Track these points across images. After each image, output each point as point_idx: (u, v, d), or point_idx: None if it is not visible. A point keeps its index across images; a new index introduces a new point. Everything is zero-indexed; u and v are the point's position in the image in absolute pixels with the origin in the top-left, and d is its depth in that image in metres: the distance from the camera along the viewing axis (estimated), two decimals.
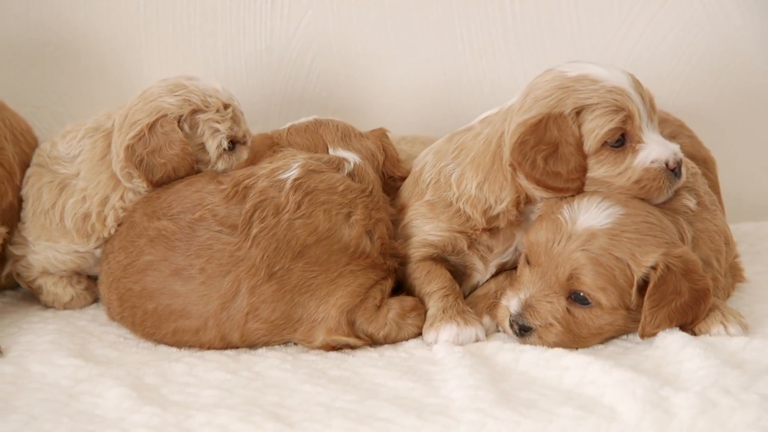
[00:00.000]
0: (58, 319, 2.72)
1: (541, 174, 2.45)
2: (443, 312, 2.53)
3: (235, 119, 2.69)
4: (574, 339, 2.41)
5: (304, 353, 2.48)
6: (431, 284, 2.58)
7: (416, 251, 2.62)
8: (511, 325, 2.44)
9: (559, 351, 2.35)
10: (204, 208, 2.51)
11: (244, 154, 2.71)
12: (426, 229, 2.61)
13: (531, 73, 3.21)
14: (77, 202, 2.72)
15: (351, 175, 2.61)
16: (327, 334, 2.46)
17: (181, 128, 2.64)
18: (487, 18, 3.33)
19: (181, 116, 2.64)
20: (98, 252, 2.76)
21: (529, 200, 2.55)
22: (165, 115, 2.63)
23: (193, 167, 2.65)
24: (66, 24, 3.23)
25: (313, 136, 2.73)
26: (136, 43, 3.26)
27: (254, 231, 2.45)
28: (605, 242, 2.36)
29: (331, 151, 2.68)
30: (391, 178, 2.75)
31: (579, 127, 2.45)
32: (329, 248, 2.48)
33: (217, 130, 2.65)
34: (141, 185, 2.67)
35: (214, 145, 2.65)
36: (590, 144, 2.45)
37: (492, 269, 2.67)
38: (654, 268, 2.34)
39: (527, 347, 2.40)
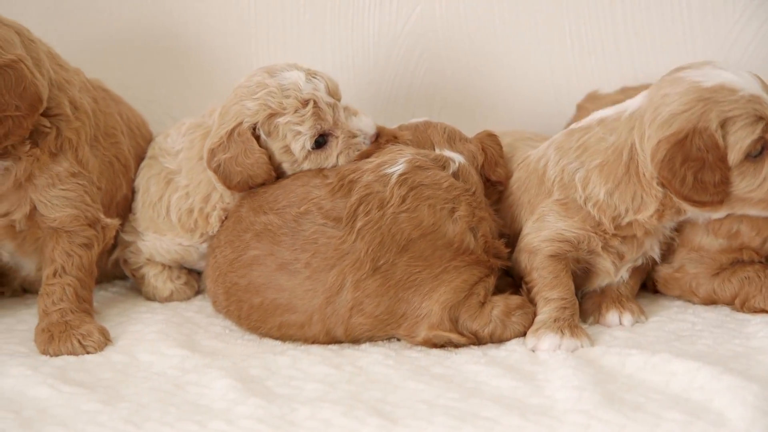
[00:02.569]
0: (166, 310, 2.76)
1: (689, 190, 2.43)
2: (554, 321, 2.49)
3: (318, 115, 2.61)
4: None
5: (407, 350, 2.47)
6: (554, 291, 2.54)
7: (548, 246, 2.57)
8: None
9: (666, 356, 2.31)
10: (309, 202, 2.52)
11: (334, 149, 2.65)
12: (560, 225, 2.57)
13: (640, 72, 3.19)
14: (181, 198, 2.76)
15: (455, 174, 2.60)
16: (429, 330, 2.45)
17: (258, 134, 2.63)
18: (596, 14, 3.29)
19: (256, 123, 2.62)
20: (203, 247, 2.80)
21: (677, 212, 2.54)
22: (241, 123, 2.62)
23: (271, 175, 2.63)
24: (178, 19, 3.28)
25: (421, 135, 2.72)
26: (247, 39, 3.29)
27: (359, 224, 2.45)
28: None
29: (437, 151, 2.67)
30: (488, 181, 2.72)
31: (723, 139, 2.42)
32: (434, 243, 2.47)
33: (298, 132, 2.61)
34: (226, 189, 2.69)
35: (297, 147, 2.62)
36: (734, 156, 2.43)
37: (624, 273, 2.65)
38: None
39: (634, 351, 2.37)
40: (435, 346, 2.47)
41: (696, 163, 2.42)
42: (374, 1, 3.27)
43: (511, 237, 2.68)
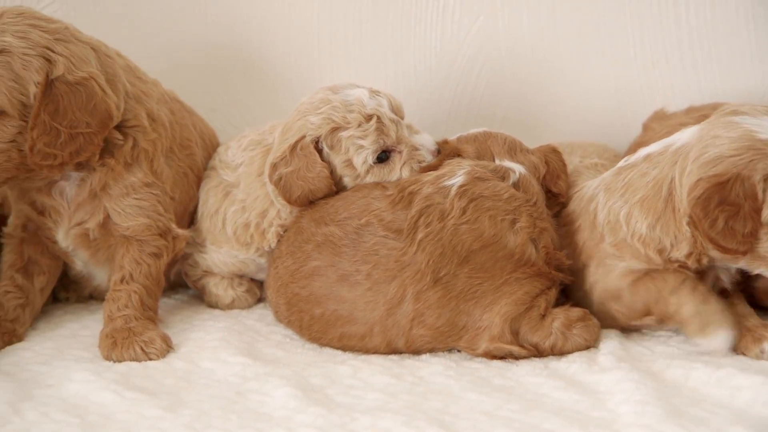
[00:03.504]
0: (227, 318, 2.78)
1: (717, 233, 2.39)
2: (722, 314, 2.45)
3: (381, 130, 2.63)
4: None
5: (468, 360, 2.47)
6: (679, 292, 2.48)
7: (624, 279, 2.54)
8: None
9: (731, 370, 2.29)
10: (370, 214, 2.53)
11: (397, 163, 2.66)
12: (621, 265, 2.54)
13: (705, 85, 3.16)
14: (237, 211, 2.78)
15: (516, 185, 2.59)
16: (490, 342, 2.44)
17: (320, 149, 2.64)
18: (660, 25, 3.26)
19: (319, 137, 2.63)
20: (260, 260, 2.82)
21: (710, 259, 2.51)
22: (304, 137, 2.64)
23: (332, 189, 2.64)
24: (242, 28, 3.30)
25: (481, 146, 2.70)
26: (309, 49, 3.31)
27: (420, 236, 2.45)
28: None
29: (497, 162, 2.66)
30: (549, 192, 2.71)
31: (763, 193, 2.39)
32: (494, 254, 2.46)
33: (361, 146, 2.62)
34: (285, 204, 2.70)
35: (359, 161, 2.63)
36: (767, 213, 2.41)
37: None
38: None
39: (698, 364, 2.35)
40: (495, 358, 2.46)
41: (731, 209, 2.38)
42: (436, 12, 3.27)
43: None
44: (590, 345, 2.50)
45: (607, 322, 2.59)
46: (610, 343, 2.50)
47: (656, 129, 2.97)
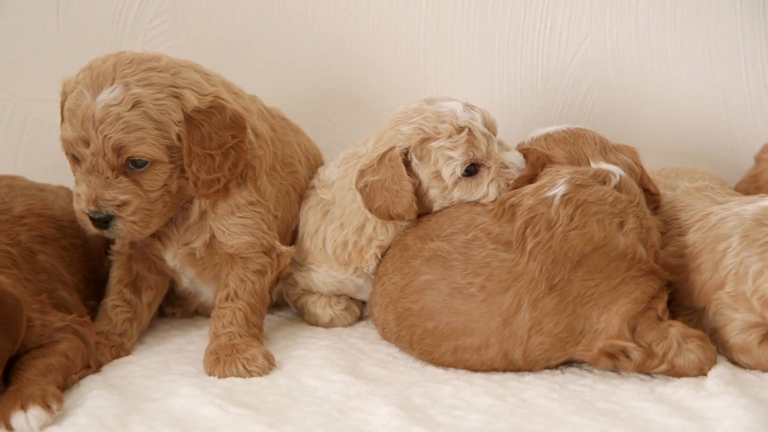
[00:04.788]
0: (330, 335, 2.79)
1: None
2: None
3: (472, 142, 2.61)
4: None
5: (572, 383, 2.44)
6: None
7: (750, 335, 2.50)
8: None
9: None
10: (476, 228, 2.53)
11: (485, 179, 2.64)
12: (737, 317, 2.51)
13: None
14: (336, 229, 2.79)
15: (618, 187, 2.57)
16: (607, 340, 2.41)
17: (409, 160, 2.64)
18: None
19: (408, 148, 2.63)
20: (358, 280, 2.82)
21: None
22: (393, 148, 2.64)
23: (412, 207, 2.63)
24: (349, 48, 3.33)
25: (572, 149, 2.68)
26: (415, 69, 3.32)
27: (529, 246, 2.45)
28: None
29: (592, 164, 2.64)
30: (647, 191, 2.68)
31: None
32: (607, 255, 2.44)
33: (450, 158, 2.61)
34: (375, 217, 2.69)
35: (448, 172, 2.62)
36: None
37: None
38: None
39: None
40: (609, 356, 2.42)
41: None
42: (543, 33, 3.25)
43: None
44: (703, 367, 2.44)
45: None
46: (718, 368, 2.44)
47: None
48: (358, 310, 2.92)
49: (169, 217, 2.62)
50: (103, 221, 2.52)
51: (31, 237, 2.62)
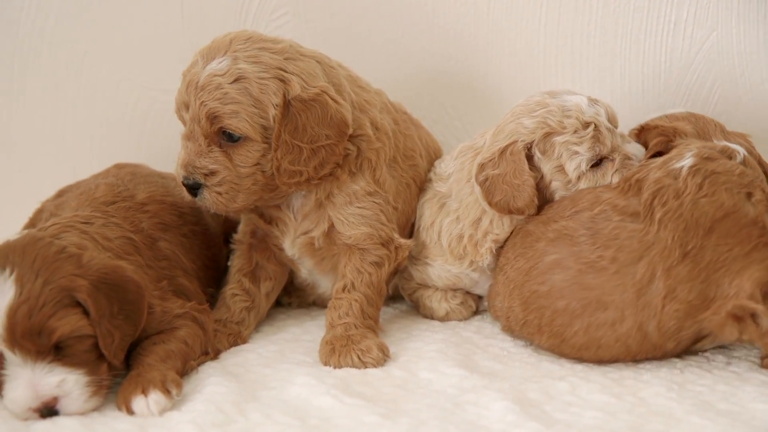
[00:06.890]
0: (445, 329, 2.79)
1: None
2: None
3: (597, 138, 2.61)
4: None
5: (690, 383, 2.40)
6: None
7: None
8: None
9: None
10: (602, 203, 2.53)
11: (609, 170, 2.64)
12: None
13: None
14: (452, 222, 2.79)
15: (742, 163, 2.58)
16: (736, 303, 2.38)
17: (531, 154, 2.63)
18: None
19: (532, 142, 2.62)
20: (473, 274, 2.82)
21: None
22: (515, 142, 2.62)
23: (533, 201, 2.62)
24: (469, 41, 3.31)
25: (698, 124, 2.70)
26: (535, 64, 3.30)
27: (658, 215, 2.44)
28: None
29: (716, 142, 2.63)
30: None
31: None
32: (738, 222, 2.43)
33: (575, 152, 2.61)
34: (488, 206, 2.68)
35: (572, 167, 2.62)
36: None
37: None
38: None
39: None
40: (737, 319, 2.37)
41: None
42: (667, 27, 3.20)
43: None
44: None
45: None
46: None
47: None
48: (474, 305, 2.91)
49: (264, 197, 2.62)
50: (193, 188, 2.56)
51: (153, 224, 2.67)
